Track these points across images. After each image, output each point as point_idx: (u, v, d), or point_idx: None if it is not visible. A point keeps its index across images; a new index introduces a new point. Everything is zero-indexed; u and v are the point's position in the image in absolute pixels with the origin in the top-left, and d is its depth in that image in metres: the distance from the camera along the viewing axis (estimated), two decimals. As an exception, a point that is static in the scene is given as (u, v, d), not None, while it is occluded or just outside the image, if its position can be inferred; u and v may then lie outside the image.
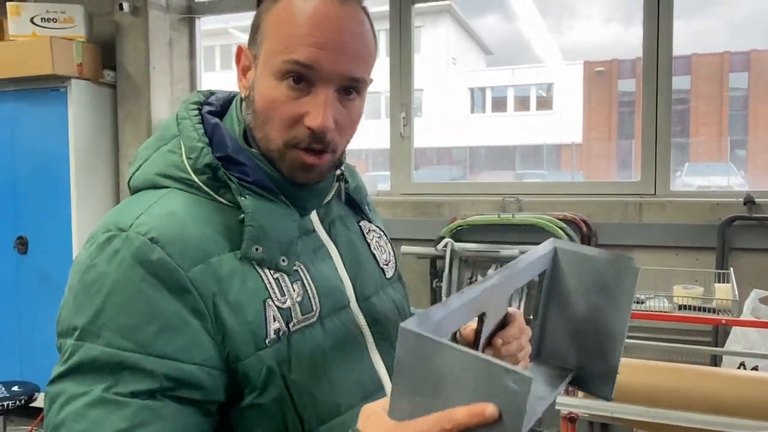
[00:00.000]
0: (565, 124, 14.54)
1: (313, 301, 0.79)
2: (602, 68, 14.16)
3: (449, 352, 0.52)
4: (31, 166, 3.31)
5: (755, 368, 2.15)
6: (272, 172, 0.79)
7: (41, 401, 1.72)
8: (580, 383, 0.87)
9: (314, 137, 0.76)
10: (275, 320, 0.75)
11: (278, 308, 0.76)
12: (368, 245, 0.94)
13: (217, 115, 0.84)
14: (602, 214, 2.75)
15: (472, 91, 17.14)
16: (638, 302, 2.27)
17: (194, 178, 0.78)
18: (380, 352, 0.85)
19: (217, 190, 0.78)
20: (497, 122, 16.40)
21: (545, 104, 16.40)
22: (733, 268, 2.39)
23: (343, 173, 0.93)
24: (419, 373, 0.53)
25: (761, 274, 2.51)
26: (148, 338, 0.67)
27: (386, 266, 0.95)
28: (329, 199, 0.90)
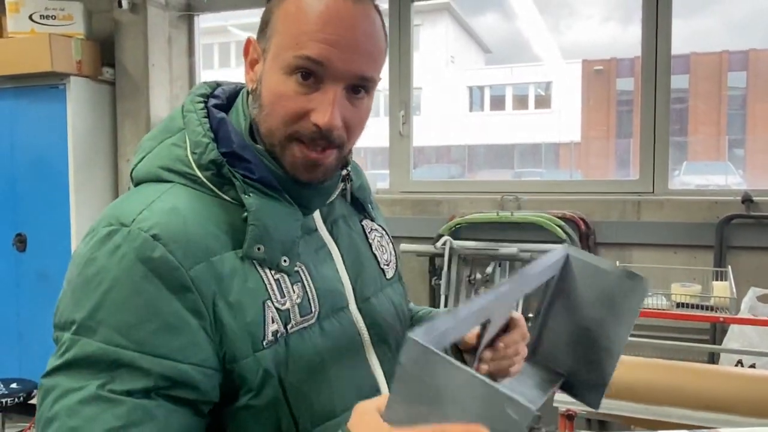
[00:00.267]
0: (563, 122, 14.52)
1: (312, 302, 0.79)
2: (601, 67, 14.13)
3: (455, 371, 0.52)
4: (29, 163, 3.30)
5: (752, 366, 2.15)
6: (277, 169, 0.78)
7: (40, 398, 1.72)
8: (569, 389, 0.88)
9: (319, 133, 0.75)
10: (273, 322, 0.74)
11: (277, 310, 0.75)
12: (370, 245, 0.93)
13: (222, 108, 0.83)
14: (601, 212, 2.76)
15: (470, 89, 17.10)
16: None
17: (198, 173, 0.77)
18: (378, 354, 0.85)
19: (220, 186, 0.77)
20: (496, 121, 16.38)
21: (544, 103, 16.37)
22: (731, 266, 2.39)
23: (349, 173, 0.91)
24: (421, 383, 0.53)
25: (759, 272, 2.52)
26: (145, 337, 0.67)
27: (387, 266, 0.95)
28: (333, 198, 0.89)
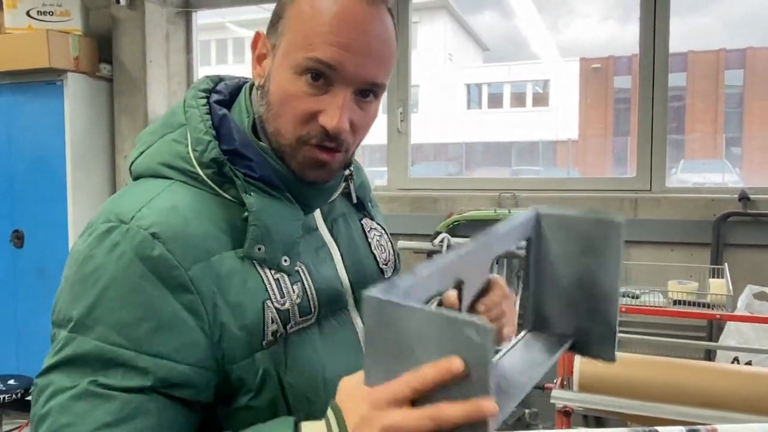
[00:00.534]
0: (561, 120, 14.52)
1: (311, 302, 0.78)
2: (598, 65, 14.14)
3: (411, 312, 0.51)
4: (27, 159, 3.30)
5: (749, 363, 2.16)
6: (280, 167, 0.77)
7: (38, 394, 1.72)
8: (580, 349, 0.83)
9: (327, 135, 0.74)
10: (273, 322, 0.74)
11: (277, 310, 0.74)
12: (369, 245, 0.93)
13: (225, 103, 0.81)
14: (598, 209, 2.76)
15: (468, 87, 17.11)
16: (633, 297, 2.28)
17: (199, 171, 0.76)
18: None
19: (221, 185, 0.76)
20: (493, 118, 16.39)
21: (541, 101, 16.38)
22: (727, 263, 2.40)
23: (351, 174, 0.91)
24: (387, 338, 0.53)
25: (755, 269, 2.53)
26: (142, 336, 0.67)
27: (385, 266, 0.94)
28: (334, 197, 0.89)
